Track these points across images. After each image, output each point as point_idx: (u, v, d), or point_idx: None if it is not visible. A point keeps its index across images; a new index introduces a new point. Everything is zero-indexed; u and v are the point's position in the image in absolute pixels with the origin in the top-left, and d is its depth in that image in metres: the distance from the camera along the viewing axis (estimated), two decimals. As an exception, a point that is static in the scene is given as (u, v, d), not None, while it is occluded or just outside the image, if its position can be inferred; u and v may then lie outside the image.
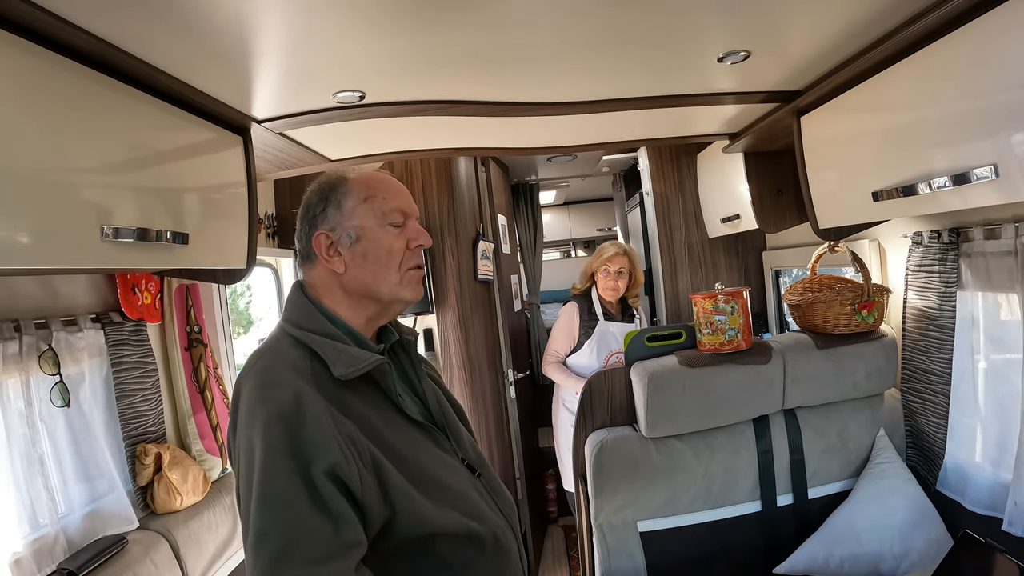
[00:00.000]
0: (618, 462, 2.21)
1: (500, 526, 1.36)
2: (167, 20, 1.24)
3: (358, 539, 1.11)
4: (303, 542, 1.06)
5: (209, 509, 2.36)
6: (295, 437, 1.12)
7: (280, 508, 1.08)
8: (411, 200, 1.45)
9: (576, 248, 9.58)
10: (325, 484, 1.10)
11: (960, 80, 1.45)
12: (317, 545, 1.07)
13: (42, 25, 1.15)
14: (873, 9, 1.45)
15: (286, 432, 1.13)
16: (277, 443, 1.12)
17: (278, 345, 1.32)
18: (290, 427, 1.13)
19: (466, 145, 2.59)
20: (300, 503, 1.08)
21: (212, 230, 1.79)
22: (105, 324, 2.16)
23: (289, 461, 1.10)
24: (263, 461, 1.11)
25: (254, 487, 1.11)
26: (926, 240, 2.11)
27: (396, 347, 1.52)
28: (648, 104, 2.10)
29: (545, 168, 5.53)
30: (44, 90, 1.23)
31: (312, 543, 1.07)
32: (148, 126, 1.54)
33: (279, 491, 1.09)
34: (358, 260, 1.37)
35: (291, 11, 1.27)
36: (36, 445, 1.89)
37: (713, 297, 2.23)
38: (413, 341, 1.56)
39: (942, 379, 2.13)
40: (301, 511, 1.08)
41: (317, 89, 1.75)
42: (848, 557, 2.12)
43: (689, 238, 3.87)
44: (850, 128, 1.92)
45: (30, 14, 1.11)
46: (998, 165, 1.35)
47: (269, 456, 1.11)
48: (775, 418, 2.29)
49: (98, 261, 1.39)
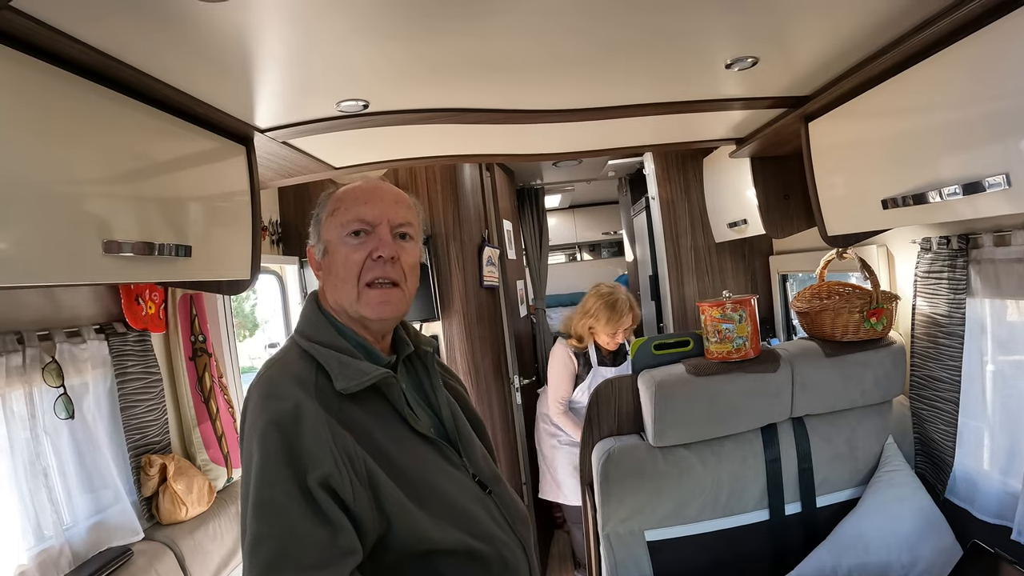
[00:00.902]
0: (625, 471, 2.20)
1: (508, 544, 1.34)
2: (168, 31, 1.24)
3: (353, 547, 1.11)
4: (298, 548, 1.07)
5: (214, 519, 2.35)
6: (291, 447, 1.13)
7: (276, 514, 1.09)
8: (382, 206, 1.35)
9: (581, 252, 9.56)
10: (320, 493, 1.11)
11: (971, 87, 1.43)
12: (312, 551, 1.07)
13: (40, 39, 1.15)
14: (883, 15, 1.44)
15: (283, 442, 1.13)
16: (275, 452, 1.13)
17: (286, 356, 1.33)
18: (287, 437, 1.14)
19: (471, 152, 2.58)
20: (296, 510, 1.09)
21: (215, 241, 1.79)
22: (109, 335, 2.15)
23: (285, 469, 1.11)
24: (260, 469, 1.13)
25: (251, 493, 1.12)
26: (935, 246, 2.10)
27: (413, 357, 1.50)
28: (655, 111, 2.10)
29: (550, 172, 5.52)
30: (44, 103, 1.23)
31: (307, 549, 1.07)
32: (149, 137, 1.54)
33: (275, 498, 1.10)
34: (329, 274, 1.38)
35: (294, 21, 1.26)
36: (40, 457, 1.89)
37: (721, 305, 2.21)
38: (431, 352, 1.51)
39: (951, 386, 2.11)
40: (297, 518, 1.09)
41: (321, 98, 1.75)
42: (856, 566, 2.10)
43: (696, 243, 3.85)
44: (859, 134, 1.91)
45: (28, 28, 1.11)
46: (1010, 174, 1.33)
47: (266, 464, 1.12)
48: (783, 426, 2.28)
49: (99, 276, 1.40)
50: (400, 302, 1.36)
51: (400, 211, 1.38)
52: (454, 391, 1.55)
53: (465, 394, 1.62)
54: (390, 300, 1.34)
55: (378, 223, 1.34)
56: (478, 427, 1.54)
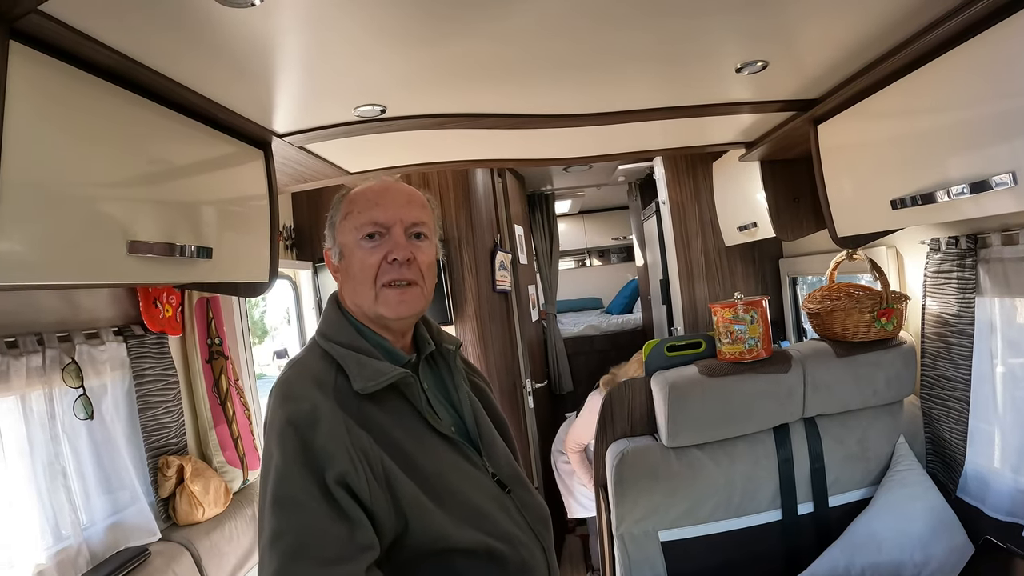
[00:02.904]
0: (639, 472, 2.20)
1: (527, 545, 1.34)
2: (192, 36, 1.26)
3: (370, 542, 1.13)
4: (316, 543, 1.09)
5: (230, 520, 2.38)
6: (308, 446, 1.15)
7: (295, 510, 1.11)
8: (394, 207, 1.36)
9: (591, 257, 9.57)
10: (338, 490, 1.13)
11: (978, 87, 1.45)
12: (330, 546, 1.09)
13: (67, 42, 1.18)
14: (891, 18, 1.45)
15: (300, 440, 1.16)
16: (293, 450, 1.15)
17: (307, 357, 1.35)
18: (304, 436, 1.16)
19: (484, 157, 2.61)
20: (314, 506, 1.11)
21: (235, 244, 1.81)
22: (127, 337, 2.18)
23: (304, 468, 1.14)
24: (279, 467, 1.15)
25: (270, 490, 1.14)
26: (944, 247, 2.10)
27: (436, 356, 1.51)
28: (666, 115, 2.11)
29: (561, 178, 5.55)
30: (70, 106, 1.25)
31: (325, 544, 1.09)
32: (171, 140, 1.56)
33: (294, 495, 1.12)
34: (346, 277, 1.40)
35: (316, 28, 1.29)
36: (59, 457, 1.91)
37: (733, 306, 2.22)
38: (453, 350, 1.52)
39: (962, 385, 2.11)
40: (315, 514, 1.11)
41: (339, 103, 1.77)
42: (869, 566, 2.10)
43: (706, 246, 3.86)
44: (868, 136, 1.92)
45: (56, 32, 1.13)
46: (1017, 172, 1.35)
47: (285, 462, 1.15)
48: (795, 427, 2.28)
49: (124, 276, 1.41)
50: (418, 300, 1.37)
51: (413, 211, 1.38)
52: (478, 390, 1.56)
53: (490, 393, 1.62)
54: (407, 299, 1.35)
55: (392, 224, 1.35)
56: (501, 427, 1.55)
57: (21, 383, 1.79)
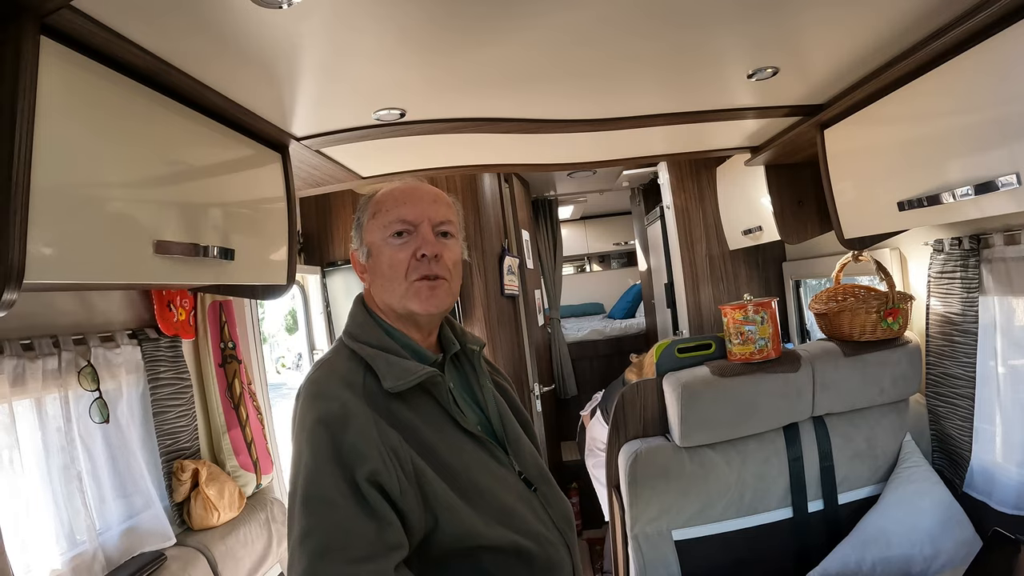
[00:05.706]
0: (652, 472, 2.22)
1: (553, 543, 1.35)
2: (225, 40, 1.28)
3: (399, 541, 1.14)
4: (346, 541, 1.10)
5: (245, 525, 2.37)
6: (339, 444, 1.16)
7: (324, 509, 1.12)
8: (422, 205, 1.38)
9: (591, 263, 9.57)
10: (368, 489, 1.14)
11: (982, 92, 1.49)
12: (359, 544, 1.10)
13: (97, 41, 1.18)
14: (898, 25, 1.49)
15: (331, 439, 1.17)
16: (323, 449, 1.16)
17: (335, 357, 1.36)
18: (335, 435, 1.17)
19: (492, 162, 2.63)
20: (344, 505, 1.12)
21: (255, 246, 1.82)
22: (141, 340, 2.18)
23: (334, 467, 1.15)
24: (309, 465, 1.16)
25: (300, 489, 1.15)
26: (947, 247, 2.14)
27: (460, 356, 1.52)
28: (674, 120, 2.14)
29: (564, 183, 5.57)
30: (100, 107, 1.26)
31: (354, 542, 1.10)
32: (194, 143, 1.57)
33: (324, 493, 1.13)
34: (375, 276, 1.41)
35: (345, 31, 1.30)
36: (75, 461, 1.90)
37: (743, 308, 2.25)
38: (477, 350, 1.53)
39: (966, 383, 2.14)
40: (345, 512, 1.12)
41: (358, 107, 1.79)
42: (879, 560, 2.12)
43: (710, 250, 3.87)
44: (874, 140, 1.96)
45: (87, 30, 1.13)
46: (1020, 174, 1.39)
47: (315, 461, 1.16)
48: (804, 425, 2.31)
49: (150, 276, 1.42)
50: (446, 295, 1.38)
51: (440, 209, 1.40)
52: (502, 389, 1.57)
53: (513, 393, 1.63)
54: (437, 294, 1.36)
55: (419, 222, 1.36)
56: (526, 426, 1.56)
57: (37, 386, 1.78)
